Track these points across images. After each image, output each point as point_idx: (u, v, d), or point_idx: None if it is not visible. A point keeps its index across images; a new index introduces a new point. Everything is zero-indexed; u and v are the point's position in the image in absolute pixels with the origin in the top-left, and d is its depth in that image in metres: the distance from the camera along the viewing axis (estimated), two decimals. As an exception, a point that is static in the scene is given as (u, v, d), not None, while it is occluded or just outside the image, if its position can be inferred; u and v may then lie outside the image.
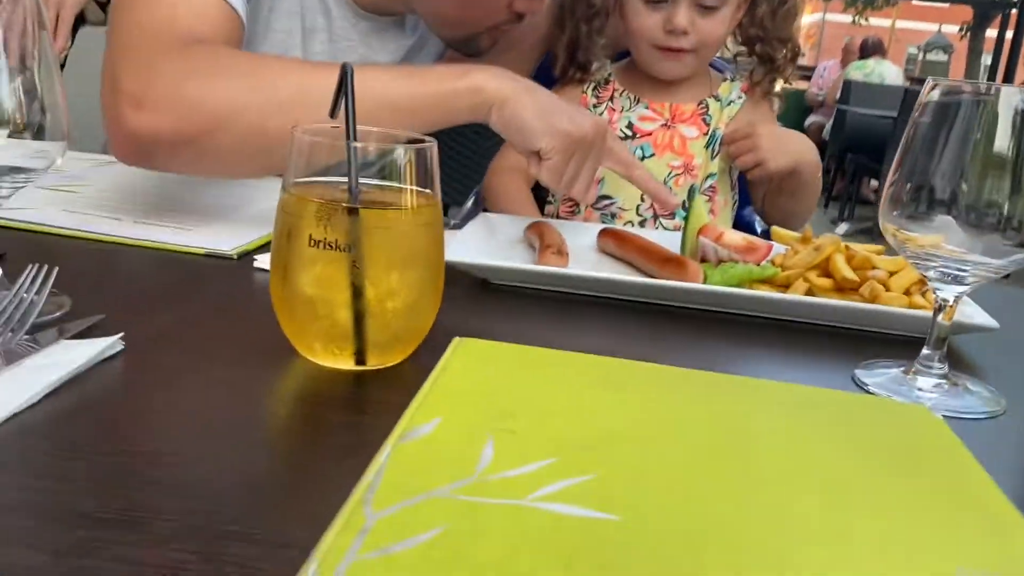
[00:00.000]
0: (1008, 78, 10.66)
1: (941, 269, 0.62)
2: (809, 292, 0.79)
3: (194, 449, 0.45)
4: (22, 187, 0.60)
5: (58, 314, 0.60)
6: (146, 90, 0.82)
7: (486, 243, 0.89)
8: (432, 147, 0.56)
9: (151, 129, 0.82)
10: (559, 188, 0.91)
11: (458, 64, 0.92)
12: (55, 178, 0.98)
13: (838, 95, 7.31)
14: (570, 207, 1.22)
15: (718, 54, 1.26)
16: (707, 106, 1.21)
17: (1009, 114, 0.61)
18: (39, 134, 0.60)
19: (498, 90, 0.88)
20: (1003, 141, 0.61)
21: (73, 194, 0.93)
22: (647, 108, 1.20)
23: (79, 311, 0.61)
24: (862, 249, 0.83)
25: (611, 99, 1.22)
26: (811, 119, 8.01)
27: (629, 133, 1.20)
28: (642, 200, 1.17)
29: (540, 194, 1.24)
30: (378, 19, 1.16)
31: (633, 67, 1.23)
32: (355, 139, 0.56)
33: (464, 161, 1.75)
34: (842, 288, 0.79)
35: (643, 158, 1.17)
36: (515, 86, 0.89)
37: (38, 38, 0.60)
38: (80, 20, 1.54)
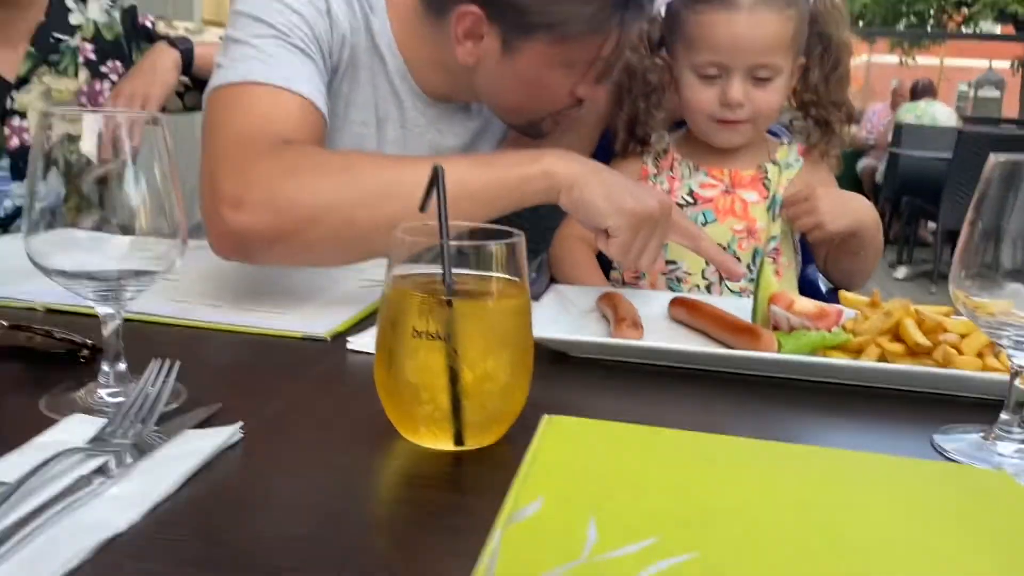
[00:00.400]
0: (1064, 112, 10.48)
1: (1015, 337, 0.64)
2: (882, 357, 0.81)
3: (319, 534, 0.49)
4: (145, 289, 0.66)
5: (176, 404, 0.65)
6: (244, 192, 0.89)
7: (561, 316, 0.93)
8: (520, 241, 0.61)
9: (248, 228, 0.89)
10: (627, 263, 0.95)
11: (528, 150, 0.98)
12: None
13: (889, 138, 7.26)
14: (636, 273, 1.25)
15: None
16: (766, 170, 1.24)
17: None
18: (159, 236, 0.65)
19: (567, 174, 0.93)
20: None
21: (175, 282, 0.99)
22: (707, 175, 1.24)
23: (195, 399, 0.66)
24: (932, 312, 0.85)
25: (671, 168, 1.26)
26: (863, 163, 7.96)
27: (690, 200, 1.23)
28: (706, 264, 1.20)
29: (604, 260, 1.28)
30: (446, 105, 1.23)
31: (691, 136, 1.27)
32: (448, 237, 0.60)
33: (524, 225, 1.79)
34: (915, 353, 0.81)
35: (705, 224, 1.21)
36: (583, 169, 0.94)
37: (154, 139, 0.65)
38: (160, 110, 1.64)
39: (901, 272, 6.32)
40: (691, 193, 1.24)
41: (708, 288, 1.21)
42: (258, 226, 0.89)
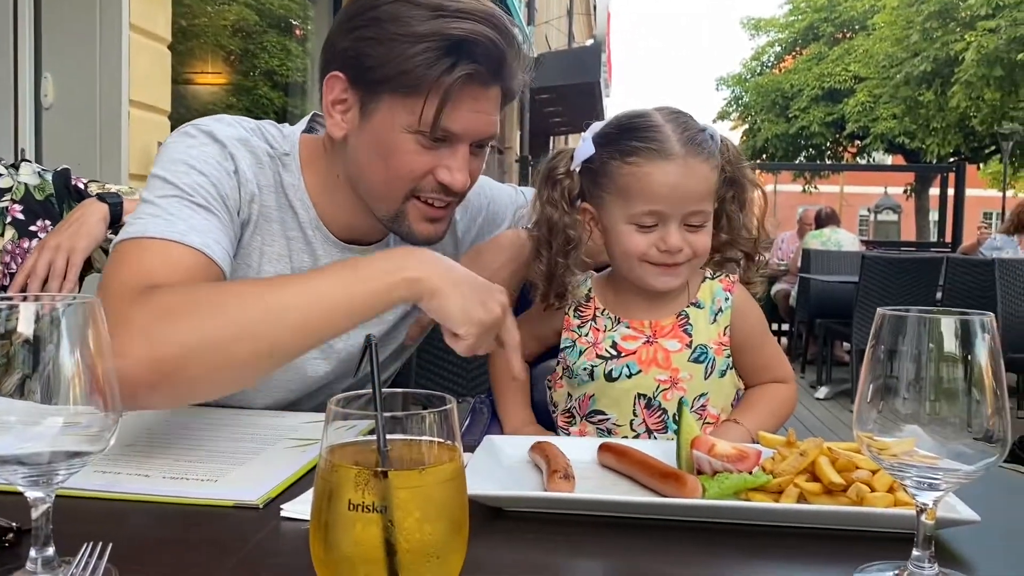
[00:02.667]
0: (956, 233, 11.24)
1: (916, 478, 0.68)
2: (801, 497, 0.85)
3: None
4: (77, 471, 0.65)
5: (109, 587, 0.64)
6: (122, 342, 0.88)
7: (495, 468, 0.95)
8: (452, 407, 0.63)
9: (128, 375, 0.87)
10: (468, 355, 1.07)
11: (395, 254, 1.09)
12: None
13: (799, 263, 7.62)
14: (567, 419, 1.27)
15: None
16: (687, 316, 1.27)
17: (951, 331, 0.69)
18: (94, 415, 0.66)
19: (429, 282, 1.03)
20: (950, 356, 0.69)
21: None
22: (628, 327, 1.26)
23: (127, 581, 0.65)
24: (844, 449, 0.89)
25: (593, 319, 1.28)
26: (776, 287, 8.29)
27: (614, 352, 1.24)
28: (635, 415, 1.22)
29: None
30: (360, 248, 1.28)
31: (612, 280, 1.30)
32: (382, 408, 0.62)
33: (454, 371, 1.83)
34: (831, 491, 0.85)
35: (630, 375, 1.22)
36: (442, 279, 1.04)
37: (89, 317, 0.66)
38: (88, 267, 1.64)
39: (822, 392, 6.52)
40: (614, 345, 1.25)
41: (636, 439, 1.21)
42: (136, 373, 0.90)
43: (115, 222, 1.63)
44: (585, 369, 1.24)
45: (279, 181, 1.23)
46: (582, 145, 1.26)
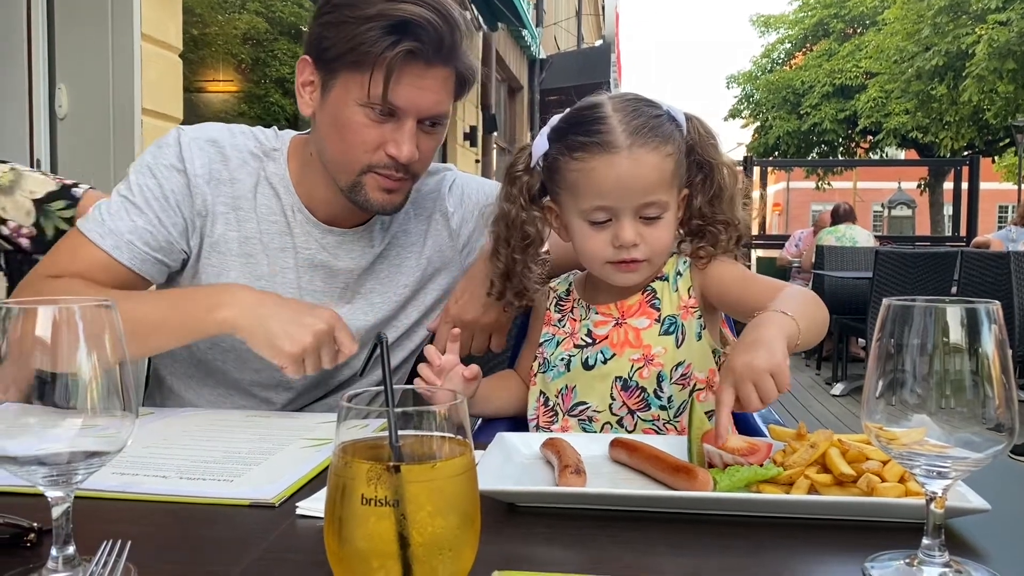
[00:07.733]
0: (971, 227, 11.16)
1: (926, 466, 0.69)
2: (812, 488, 0.85)
3: None
4: (95, 471, 0.67)
5: (128, 585, 0.65)
6: None
7: (506, 465, 0.96)
8: (463, 403, 0.64)
9: None
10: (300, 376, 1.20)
11: (218, 290, 1.25)
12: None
13: (812, 260, 7.59)
14: (549, 417, 1.27)
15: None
16: (653, 291, 1.25)
17: (957, 320, 0.69)
18: (112, 417, 0.67)
19: (241, 327, 1.18)
20: (956, 345, 0.69)
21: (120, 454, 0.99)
22: (597, 313, 1.26)
23: (146, 578, 0.66)
24: (854, 441, 0.90)
25: (571, 310, 1.29)
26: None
27: (590, 340, 1.25)
28: (612, 399, 1.21)
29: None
30: (340, 231, 1.37)
31: (590, 275, 1.30)
32: (393, 404, 0.63)
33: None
34: (841, 482, 0.85)
35: (605, 361, 1.22)
36: (253, 320, 1.18)
37: (106, 321, 0.67)
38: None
39: (838, 388, 6.49)
40: (589, 333, 1.25)
41: (620, 422, 1.22)
42: None
43: None
44: (562, 359, 1.25)
45: (262, 173, 1.35)
46: (538, 141, 1.25)
